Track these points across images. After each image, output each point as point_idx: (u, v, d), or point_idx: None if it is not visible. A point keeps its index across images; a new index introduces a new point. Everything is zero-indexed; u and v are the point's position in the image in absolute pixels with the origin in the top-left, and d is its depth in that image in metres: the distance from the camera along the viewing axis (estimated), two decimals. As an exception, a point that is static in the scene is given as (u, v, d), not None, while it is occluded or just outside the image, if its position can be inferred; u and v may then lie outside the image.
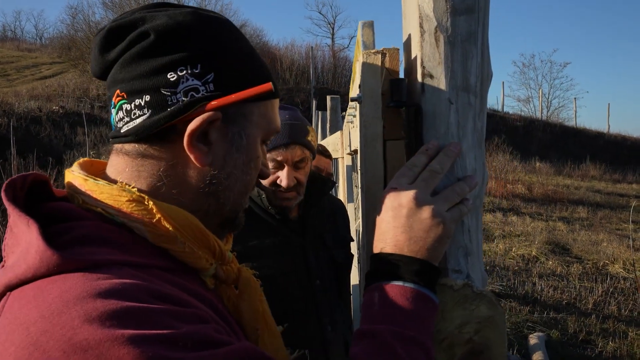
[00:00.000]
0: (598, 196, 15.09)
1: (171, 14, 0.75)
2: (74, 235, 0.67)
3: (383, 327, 0.74)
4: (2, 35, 41.72)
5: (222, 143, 0.77)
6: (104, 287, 0.59)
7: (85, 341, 0.53)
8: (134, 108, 0.74)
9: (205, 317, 0.65)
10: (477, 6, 0.87)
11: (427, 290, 0.78)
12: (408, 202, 0.81)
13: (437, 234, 0.80)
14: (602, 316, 5.69)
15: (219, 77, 0.75)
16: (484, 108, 0.92)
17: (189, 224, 0.73)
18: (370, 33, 1.07)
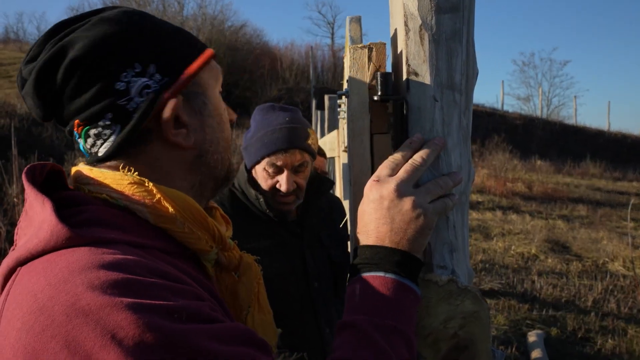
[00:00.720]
0: (598, 194, 15.08)
1: (86, 31, 0.75)
2: (82, 217, 0.71)
3: (363, 318, 0.75)
4: (4, 37, 41.76)
5: (195, 118, 0.82)
6: (108, 260, 0.63)
7: (87, 306, 0.58)
8: (102, 130, 0.76)
9: (201, 295, 0.68)
10: (461, 4, 0.88)
11: (408, 281, 0.79)
12: (389, 194, 0.81)
13: (419, 225, 0.80)
14: (601, 314, 5.69)
15: (161, 65, 0.78)
16: (470, 105, 0.93)
17: (188, 206, 0.77)
18: (357, 28, 1.08)
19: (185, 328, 0.59)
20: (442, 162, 0.88)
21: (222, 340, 0.61)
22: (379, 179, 0.84)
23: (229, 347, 0.61)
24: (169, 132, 0.78)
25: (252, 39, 28.70)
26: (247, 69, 25.15)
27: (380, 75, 0.93)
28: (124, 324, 0.56)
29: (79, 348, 0.56)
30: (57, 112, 0.78)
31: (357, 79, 0.97)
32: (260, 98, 22.26)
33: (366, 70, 0.97)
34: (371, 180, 0.85)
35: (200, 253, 0.79)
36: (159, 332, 0.57)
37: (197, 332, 0.60)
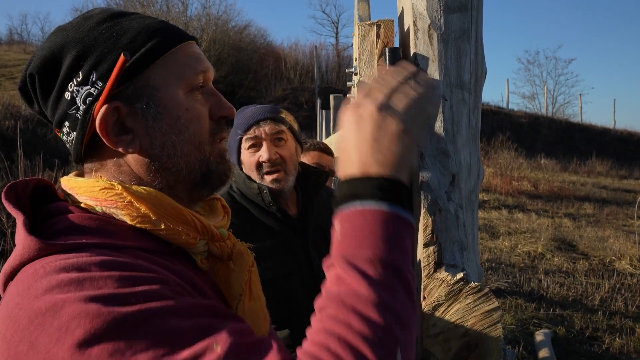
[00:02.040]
0: (604, 192, 15.01)
1: (42, 44, 0.81)
2: (58, 227, 0.74)
3: (339, 255, 0.69)
4: (8, 39, 41.99)
5: (139, 122, 0.79)
6: (69, 264, 0.65)
7: (43, 306, 0.61)
8: (66, 136, 0.81)
9: (164, 279, 0.68)
10: (470, 4, 0.88)
11: (395, 207, 0.69)
12: (369, 113, 0.72)
13: (404, 142, 0.72)
14: (608, 312, 5.67)
15: (99, 71, 0.77)
16: (479, 104, 0.94)
17: (160, 203, 0.77)
18: (365, 7, 1.09)
19: (139, 309, 0.61)
20: (451, 160, 0.89)
21: (181, 316, 0.62)
22: (356, 102, 0.75)
23: (191, 321, 0.62)
24: (109, 140, 0.78)
25: (256, 38, 28.78)
26: (251, 68, 25.19)
27: (388, 50, 0.94)
28: (74, 315, 0.59)
29: (40, 346, 0.60)
30: (44, 115, 0.85)
31: (366, 55, 0.98)
32: (264, 98, 22.29)
33: (374, 46, 0.98)
34: (347, 107, 0.76)
35: (185, 247, 0.79)
36: (109, 316, 0.59)
37: (153, 312, 0.61)
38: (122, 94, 0.78)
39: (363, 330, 0.61)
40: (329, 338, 0.61)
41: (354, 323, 0.61)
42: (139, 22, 0.81)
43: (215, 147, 0.86)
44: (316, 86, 23.18)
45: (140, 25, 0.81)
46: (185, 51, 0.83)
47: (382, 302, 0.63)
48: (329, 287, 0.67)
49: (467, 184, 0.91)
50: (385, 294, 0.64)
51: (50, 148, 11.90)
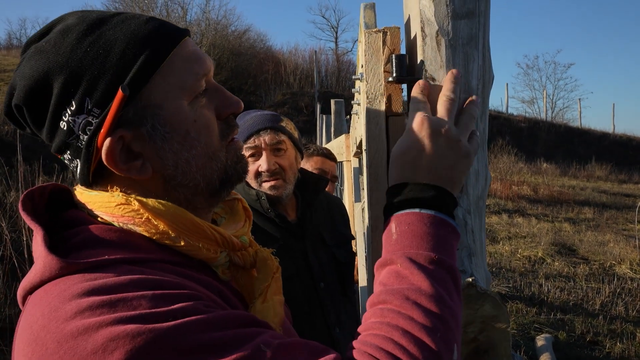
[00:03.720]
0: (604, 197, 15.03)
1: (22, 71, 0.74)
2: (77, 240, 0.71)
3: (400, 253, 0.72)
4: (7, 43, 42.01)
5: (147, 146, 0.75)
6: (97, 285, 0.63)
7: (75, 329, 0.59)
8: (68, 162, 0.77)
9: (197, 295, 0.67)
10: (477, 10, 0.89)
11: (447, 216, 0.76)
12: (445, 132, 0.78)
13: (466, 165, 0.79)
14: (609, 317, 5.66)
15: (94, 98, 0.71)
16: (486, 110, 0.94)
17: (178, 219, 0.74)
18: (371, 14, 1.09)
19: (178, 324, 0.60)
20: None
21: (220, 327, 0.62)
22: (427, 115, 0.80)
23: (227, 332, 0.62)
24: (118, 169, 0.74)
25: (255, 43, 28.79)
26: (251, 73, 25.22)
27: (395, 57, 0.94)
28: (111, 337, 0.57)
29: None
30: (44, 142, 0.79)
31: (372, 62, 0.98)
32: (264, 102, 22.31)
33: (381, 53, 0.98)
34: (421, 116, 0.80)
35: (206, 261, 0.77)
36: (150, 334, 0.58)
37: (192, 325, 0.61)
38: (123, 119, 0.72)
39: (427, 323, 0.65)
40: (392, 331, 0.64)
41: (417, 317, 0.65)
42: (124, 29, 0.73)
43: (230, 148, 0.83)
44: (316, 91, 23.22)
45: (126, 34, 0.73)
46: (182, 54, 0.76)
47: (442, 299, 0.67)
48: (388, 282, 0.71)
49: (475, 189, 0.91)
50: (444, 292, 0.68)
51: (49, 153, 11.90)
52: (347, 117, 6.25)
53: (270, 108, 19.10)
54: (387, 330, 0.65)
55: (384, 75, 0.98)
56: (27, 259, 4.46)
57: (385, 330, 0.65)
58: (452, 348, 0.65)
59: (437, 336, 0.64)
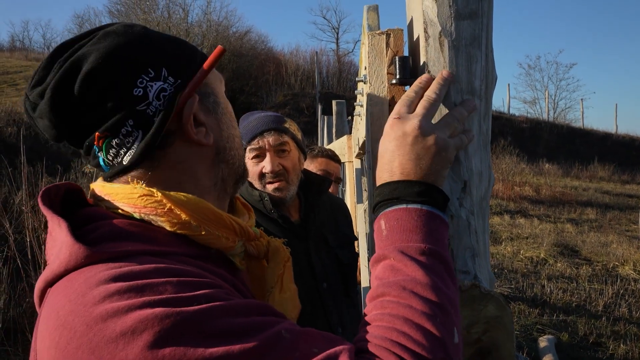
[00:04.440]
0: (607, 197, 15.00)
1: (95, 44, 0.76)
2: (99, 233, 0.73)
3: (392, 248, 0.75)
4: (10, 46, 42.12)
5: (210, 116, 0.84)
6: (123, 272, 0.66)
7: (104, 312, 0.61)
8: (124, 138, 0.77)
9: (218, 284, 0.70)
10: (480, 10, 0.89)
11: (433, 208, 0.78)
12: (413, 130, 0.80)
13: (442, 160, 0.80)
14: (612, 318, 5.65)
15: (171, 68, 0.80)
16: (489, 111, 0.94)
17: (199, 209, 0.78)
18: (375, 16, 1.10)
19: (203, 308, 0.62)
20: (462, 167, 0.89)
21: (242, 314, 0.65)
22: (399, 116, 0.83)
23: (250, 319, 0.64)
24: (191, 131, 0.80)
25: (256, 44, 28.83)
26: (252, 74, 25.25)
27: (398, 59, 0.94)
28: (140, 319, 0.59)
29: (103, 351, 0.59)
30: (73, 130, 0.78)
31: (376, 64, 0.98)
32: (265, 104, 22.33)
33: (384, 55, 0.98)
34: (392, 119, 0.83)
35: (224, 250, 0.81)
36: (177, 317, 0.60)
37: (216, 311, 0.63)
38: (196, 89, 0.82)
39: (426, 310, 0.67)
40: (394, 320, 0.66)
41: (416, 305, 0.67)
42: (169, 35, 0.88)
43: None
44: (317, 92, 23.22)
45: (176, 37, 0.88)
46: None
47: (437, 286, 0.69)
48: (384, 276, 0.73)
49: (478, 190, 0.91)
50: (438, 280, 0.71)
51: (52, 154, 11.92)
52: (348, 118, 6.26)
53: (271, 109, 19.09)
54: (389, 320, 0.67)
55: (387, 77, 0.98)
56: (30, 260, 4.47)
57: (387, 320, 0.67)
58: (452, 332, 0.67)
59: (437, 321, 0.66)
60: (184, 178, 0.81)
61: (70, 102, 0.75)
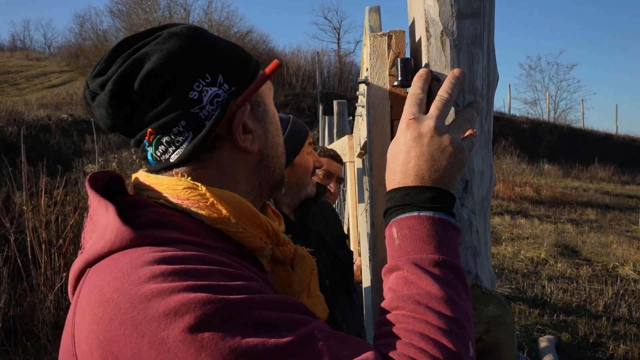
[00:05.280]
0: (607, 198, 15.00)
1: (159, 45, 0.79)
2: (143, 219, 0.75)
3: (405, 259, 0.74)
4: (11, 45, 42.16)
5: (258, 125, 0.87)
6: (168, 255, 0.68)
7: (149, 291, 0.63)
8: (174, 137, 0.80)
9: (254, 278, 0.72)
10: (482, 10, 0.89)
11: (446, 215, 0.77)
12: (429, 131, 0.79)
13: (457, 161, 0.79)
14: (612, 318, 5.65)
15: (227, 75, 0.82)
16: (491, 110, 0.94)
17: (240, 207, 0.80)
18: (376, 17, 1.10)
19: (244, 298, 0.64)
20: (464, 167, 0.89)
21: (279, 308, 0.66)
22: (414, 116, 0.82)
23: (285, 314, 0.66)
24: (239, 138, 0.82)
25: (258, 44, 28.82)
26: (253, 75, 25.15)
27: (400, 61, 0.94)
28: (183, 302, 0.61)
29: (146, 329, 0.61)
30: (127, 123, 0.81)
31: (377, 65, 0.98)
32: (266, 104, 22.26)
33: (386, 57, 0.98)
34: (406, 119, 0.82)
35: (256, 250, 0.82)
36: (219, 303, 0.62)
37: (255, 302, 0.64)
38: (249, 97, 0.85)
39: (441, 325, 0.66)
40: (410, 335, 0.66)
41: (432, 320, 0.67)
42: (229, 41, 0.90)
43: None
44: (318, 92, 23.22)
45: (234, 43, 0.90)
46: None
47: (452, 299, 0.69)
48: (398, 288, 0.72)
49: (480, 190, 0.91)
50: (452, 292, 0.70)
51: (53, 154, 11.92)
52: (349, 118, 6.26)
53: (272, 109, 19.02)
54: (404, 335, 0.66)
55: (389, 79, 0.98)
56: (30, 260, 4.47)
57: (403, 334, 0.67)
58: (467, 346, 0.67)
59: (452, 336, 0.66)
60: (225, 180, 0.83)
61: (128, 96, 0.79)
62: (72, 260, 4.46)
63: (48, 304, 4.25)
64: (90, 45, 26.05)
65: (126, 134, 0.84)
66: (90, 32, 28.83)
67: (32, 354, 3.97)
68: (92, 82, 0.81)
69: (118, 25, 26.18)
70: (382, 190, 0.96)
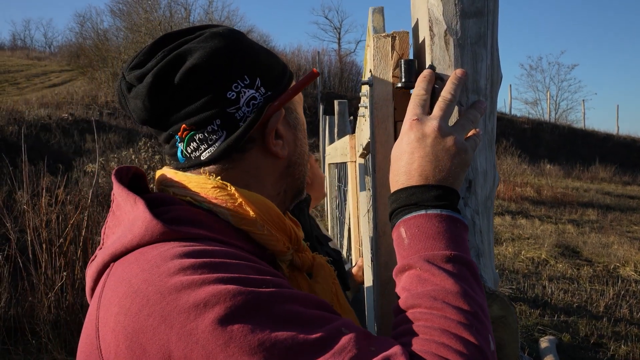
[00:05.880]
0: (608, 198, 14.98)
1: (202, 42, 0.80)
2: (171, 215, 0.75)
3: (416, 257, 0.73)
4: (12, 44, 42.17)
5: (289, 131, 0.89)
6: (197, 250, 0.68)
7: (179, 283, 0.63)
8: (208, 135, 0.81)
9: (280, 275, 0.72)
10: (486, 9, 0.88)
11: (453, 212, 0.77)
12: (432, 132, 0.79)
13: (461, 162, 0.79)
14: (613, 319, 5.64)
15: (264, 79, 0.84)
16: (494, 110, 0.93)
17: (267, 209, 0.81)
18: (380, 18, 1.09)
19: (273, 292, 0.64)
20: (467, 166, 0.88)
21: (306, 305, 0.66)
22: (417, 117, 0.82)
23: (312, 311, 0.65)
24: (270, 142, 0.84)
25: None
26: (254, 74, 25.13)
27: (403, 62, 0.94)
28: (213, 293, 0.61)
29: (174, 321, 0.61)
30: (161, 116, 0.81)
31: (381, 67, 0.98)
32: (267, 104, 22.23)
33: (389, 58, 0.98)
34: (409, 120, 0.82)
35: (277, 254, 0.83)
36: (249, 295, 0.62)
37: (283, 296, 0.64)
38: (285, 103, 0.86)
39: (461, 319, 0.65)
40: (431, 332, 0.65)
41: (451, 315, 0.66)
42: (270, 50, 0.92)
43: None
44: (318, 92, 23.22)
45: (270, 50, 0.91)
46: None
47: (468, 294, 0.68)
48: (412, 287, 0.72)
49: (483, 190, 0.91)
50: (467, 287, 0.70)
51: (53, 153, 11.92)
52: (350, 118, 6.25)
53: (273, 109, 19.00)
54: (425, 332, 0.65)
55: (392, 80, 0.97)
56: (31, 259, 4.47)
57: (423, 331, 0.66)
58: (488, 339, 0.67)
59: (473, 330, 0.65)
60: (252, 182, 0.84)
61: (167, 90, 0.79)
62: (73, 260, 4.47)
63: (48, 304, 4.24)
64: (91, 45, 26.04)
65: (159, 127, 0.84)
66: (90, 31, 28.83)
67: (33, 353, 3.97)
68: (128, 74, 0.81)
69: (119, 25, 26.18)
70: (385, 192, 0.96)
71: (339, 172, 5.68)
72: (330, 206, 7.14)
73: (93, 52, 24.75)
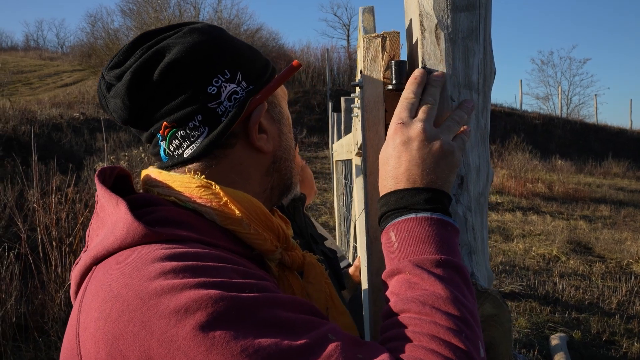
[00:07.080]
0: (621, 194, 14.80)
1: (181, 38, 0.79)
2: (155, 217, 0.74)
3: (406, 261, 0.72)
4: (25, 45, 42.59)
5: (273, 125, 0.87)
6: (179, 252, 0.66)
7: (159, 288, 0.61)
8: (190, 131, 0.79)
9: (267, 278, 0.71)
10: (478, 2, 0.87)
11: (443, 215, 0.76)
12: (418, 135, 0.79)
13: (449, 164, 0.78)
14: (626, 316, 5.57)
15: (245, 73, 0.82)
16: (488, 105, 0.92)
17: (253, 208, 0.79)
18: (370, 18, 1.07)
19: (257, 297, 0.62)
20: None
21: (291, 309, 0.64)
22: (402, 121, 0.81)
23: (298, 315, 0.64)
24: (254, 136, 0.82)
25: (268, 42, 28.82)
26: (263, 72, 25.16)
27: (394, 63, 0.91)
28: (194, 299, 0.59)
29: (155, 327, 0.59)
30: (142, 115, 0.80)
31: (371, 68, 0.96)
32: (276, 101, 22.25)
33: (380, 59, 0.95)
34: (395, 124, 0.82)
35: (265, 253, 0.81)
36: (231, 301, 0.60)
37: (268, 301, 0.63)
38: (268, 97, 0.85)
39: (450, 325, 0.64)
40: (420, 337, 0.64)
41: (440, 320, 0.65)
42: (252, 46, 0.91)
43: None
44: (328, 89, 23.18)
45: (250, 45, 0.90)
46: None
47: (458, 299, 0.67)
48: (401, 292, 0.70)
49: (476, 186, 0.89)
50: (457, 292, 0.68)
51: (64, 152, 12.03)
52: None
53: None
54: (414, 337, 0.64)
55: (383, 82, 0.95)
56: (42, 257, 4.51)
57: (412, 337, 0.65)
58: (477, 346, 0.66)
59: (463, 336, 0.64)
60: (237, 180, 0.82)
61: (147, 87, 0.78)
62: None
63: (58, 301, 4.29)
64: (102, 44, 26.26)
65: (140, 127, 0.82)
66: (101, 31, 29.05)
67: (43, 351, 4.01)
68: (108, 74, 0.81)
69: (129, 24, 26.34)
70: (377, 195, 0.94)
71: (345, 169, 5.66)
72: (337, 203, 7.13)
73: (104, 52, 24.94)
